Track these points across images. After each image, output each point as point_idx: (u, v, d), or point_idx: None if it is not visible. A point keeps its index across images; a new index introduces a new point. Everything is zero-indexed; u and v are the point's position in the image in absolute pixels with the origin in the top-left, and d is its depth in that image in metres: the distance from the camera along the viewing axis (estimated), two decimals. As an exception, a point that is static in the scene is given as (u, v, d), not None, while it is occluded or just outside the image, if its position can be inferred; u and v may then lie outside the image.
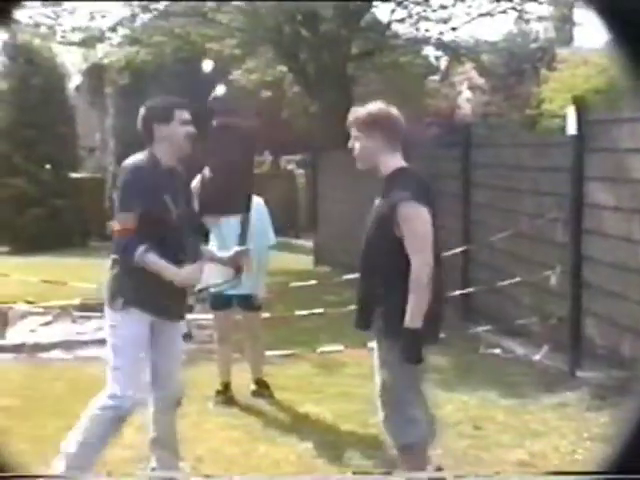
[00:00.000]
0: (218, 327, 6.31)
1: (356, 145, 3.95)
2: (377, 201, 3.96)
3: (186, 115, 4.18)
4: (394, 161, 3.91)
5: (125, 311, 4.05)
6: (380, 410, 3.94)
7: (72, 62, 22.69)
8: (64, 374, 6.87)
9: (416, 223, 3.73)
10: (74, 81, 24.02)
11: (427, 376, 6.07)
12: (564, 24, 21.36)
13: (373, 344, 6.77)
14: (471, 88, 22.60)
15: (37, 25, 12.98)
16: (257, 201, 6.15)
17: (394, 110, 3.95)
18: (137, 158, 4.18)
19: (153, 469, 4.36)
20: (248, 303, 6.13)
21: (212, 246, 5.98)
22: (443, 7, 13.58)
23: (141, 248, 3.93)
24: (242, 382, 6.25)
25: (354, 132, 3.94)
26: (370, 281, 3.93)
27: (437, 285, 3.80)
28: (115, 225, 4.13)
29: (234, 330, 6.34)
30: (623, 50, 1.67)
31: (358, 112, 3.94)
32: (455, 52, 15.17)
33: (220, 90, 4.92)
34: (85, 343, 7.91)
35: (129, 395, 4.02)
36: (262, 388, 6.19)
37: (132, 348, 4.07)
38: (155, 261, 3.96)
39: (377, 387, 3.95)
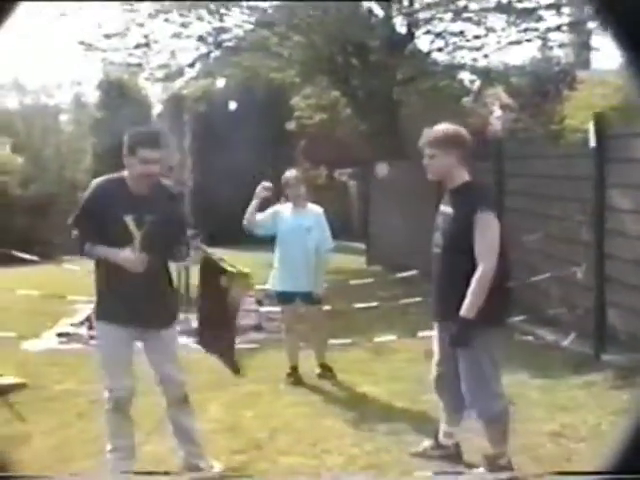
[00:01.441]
0: (285, 319, 6.37)
1: (431, 162, 3.96)
2: (443, 208, 3.98)
3: (149, 154, 3.90)
4: (463, 175, 3.95)
5: (101, 322, 4.11)
6: (465, 392, 3.94)
7: (153, 93, 23.14)
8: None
9: (489, 231, 3.76)
10: (156, 109, 24.47)
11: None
12: (582, 49, 21.03)
13: (422, 334, 6.83)
14: (501, 107, 22.35)
15: (129, 65, 13.28)
16: (317, 209, 6.24)
17: (464, 130, 3.99)
18: (106, 178, 4.06)
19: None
20: (309, 298, 6.13)
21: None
22: (477, 37, 13.46)
23: (87, 245, 3.94)
24: (308, 367, 6.31)
25: (429, 150, 3.94)
26: (446, 277, 3.95)
27: (504, 279, 3.87)
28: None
29: (299, 321, 6.34)
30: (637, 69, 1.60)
31: (434, 132, 3.96)
32: (487, 76, 15.03)
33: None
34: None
35: (118, 387, 4.06)
36: (326, 371, 6.21)
37: (111, 352, 4.06)
38: (100, 250, 3.93)
39: (461, 370, 3.93)
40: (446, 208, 3.96)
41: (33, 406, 5.70)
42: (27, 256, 9.49)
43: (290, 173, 6.14)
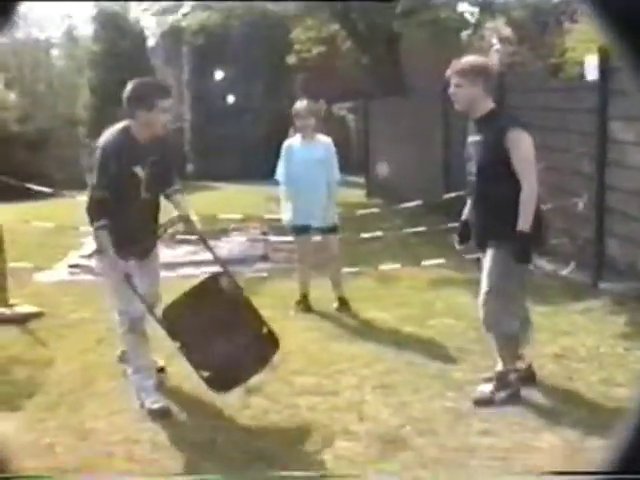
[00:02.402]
0: (299, 249, 6.41)
1: (458, 91, 4.06)
2: (472, 138, 4.10)
3: (167, 103, 4.13)
4: (489, 103, 4.06)
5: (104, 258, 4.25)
6: (483, 305, 4.07)
7: (148, 26, 22.79)
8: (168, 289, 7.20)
9: (523, 147, 3.92)
10: (150, 42, 24.11)
11: (472, 288, 6.32)
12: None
13: (428, 263, 7.01)
14: (500, 40, 22.15)
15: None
16: (326, 140, 6.28)
17: (490, 61, 4.13)
18: (113, 133, 4.14)
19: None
20: (325, 228, 6.22)
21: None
22: (478, -32, 13.34)
23: (101, 222, 4.04)
24: (317, 295, 6.44)
25: (456, 80, 4.04)
26: (486, 202, 4.07)
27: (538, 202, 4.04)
28: (89, 194, 4.17)
29: (312, 251, 6.41)
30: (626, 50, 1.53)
31: (462, 63, 4.06)
32: (488, 8, 14.89)
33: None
34: (182, 264, 8.19)
35: (131, 309, 4.27)
36: (344, 305, 6.26)
37: (121, 279, 4.19)
38: (102, 241, 4.09)
39: (483, 288, 4.07)
40: (475, 137, 4.08)
41: (52, 333, 5.90)
42: (42, 188, 9.58)
43: (301, 104, 6.14)
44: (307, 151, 6.11)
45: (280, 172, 6.21)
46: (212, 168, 18.36)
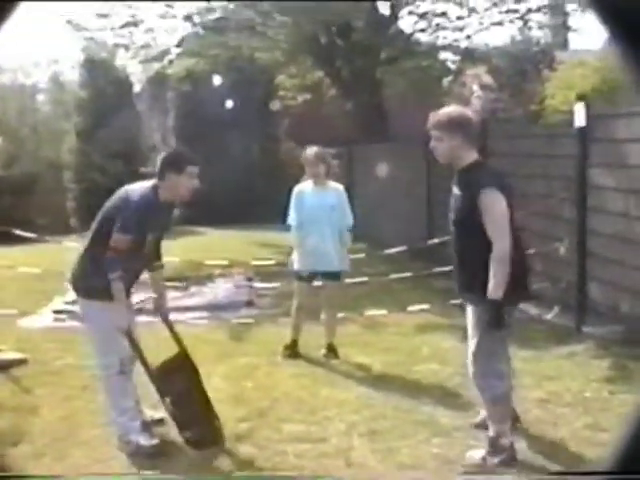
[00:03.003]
0: (301, 295, 6.23)
1: (438, 145, 3.98)
2: (454, 189, 4.01)
3: (195, 170, 4.29)
4: (471, 155, 3.96)
5: (96, 301, 4.26)
6: (471, 366, 4.01)
7: (134, 72, 23.03)
8: (153, 331, 7.16)
9: (495, 210, 3.78)
10: (136, 88, 24.34)
11: (458, 333, 6.37)
12: (561, 30, 21.32)
13: (413, 308, 7.02)
14: (481, 87, 22.57)
15: (116, 45, 13.30)
16: (338, 186, 6.19)
17: (469, 112, 4.04)
18: (145, 188, 4.26)
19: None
20: (332, 275, 6.13)
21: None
22: (459, 18, 13.66)
23: (117, 273, 4.08)
24: (305, 340, 6.38)
25: (436, 133, 3.97)
26: (461, 258, 4.01)
27: (520, 256, 3.92)
28: (113, 242, 4.12)
29: (312, 298, 6.31)
30: (624, 50, 1.57)
31: (439, 115, 3.98)
32: (469, 56, 15.23)
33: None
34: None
35: (122, 350, 4.27)
36: (331, 351, 6.20)
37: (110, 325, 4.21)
38: (118, 291, 4.11)
39: (470, 348, 4.00)
40: (455, 188, 4.02)
41: (36, 380, 5.83)
42: (27, 234, 9.58)
43: (310, 150, 6.09)
44: (319, 197, 6.05)
45: (292, 217, 6.16)
46: (197, 213, 18.39)
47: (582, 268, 6.86)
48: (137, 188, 4.31)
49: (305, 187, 6.16)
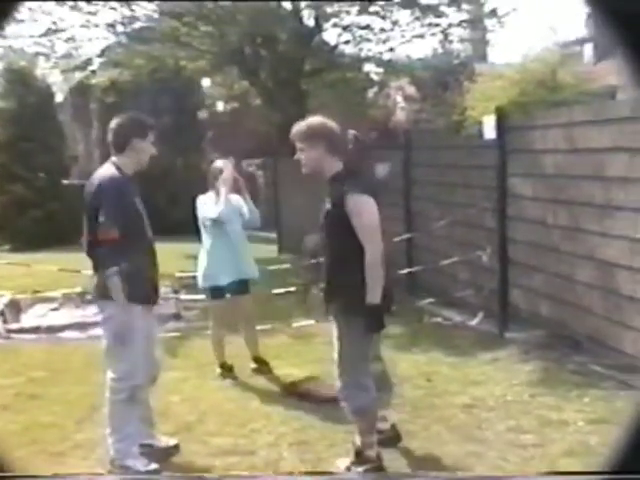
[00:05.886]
0: (215, 314, 6.11)
1: (301, 155, 3.93)
2: (326, 200, 3.96)
3: (153, 136, 4.18)
4: (335, 164, 3.90)
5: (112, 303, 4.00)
6: (337, 378, 4.01)
7: (54, 81, 22.49)
8: (78, 350, 7.00)
9: (364, 213, 3.74)
10: (57, 98, 23.77)
11: (384, 341, 6.40)
12: (480, 44, 21.91)
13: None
14: (405, 98, 22.94)
15: (37, 53, 12.95)
16: (236, 196, 6.05)
17: (330, 121, 3.96)
18: (109, 170, 4.07)
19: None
20: (243, 288, 6.03)
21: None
22: (382, 30, 13.86)
23: (114, 268, 3.90)
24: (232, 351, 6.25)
25: (298, 144, 3.92)
26: (330, 266, 3.94)
27: (385, 266, 3.85)
28: (99, 234, 3.97)
29: (228, 314, 6.14)
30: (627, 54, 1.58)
31: (300, 127, 3.92)
32: (392, 68, 15.46)
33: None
34: (92, 324, 7.94)
35: (133, 376, 4.09)
36: (262, 365, 6.09)
37: (129, 336, 4.02)
38: (115, 286, 3.92)
39: (335, 360, 4.00)
40: (326, 201, 3.94)
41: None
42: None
43: (221, 164, 6.01)
44: (227, 208, 5.89)
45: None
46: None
47: (504, 275, 7.02)
48: (102, 172, 4.08)
49: (207, 199, 5.98)
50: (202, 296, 8.71)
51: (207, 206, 5.94)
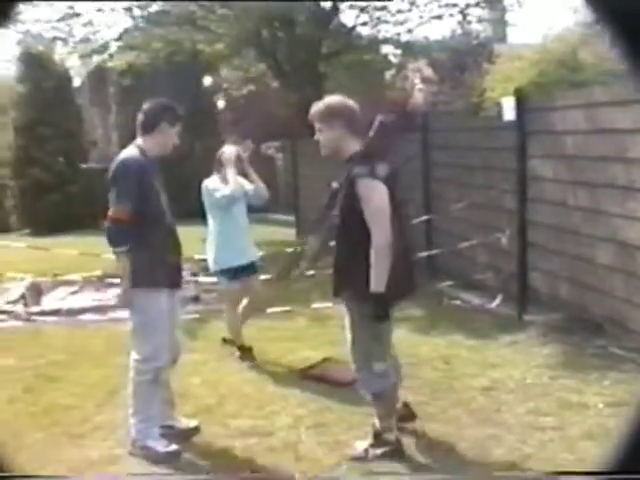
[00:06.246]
0: (231, 297, 6.07)
1: (319, 136, 3.87)
2: (335, 183, 3.91)
3: (179, 127, 4.21)
4: (353, 145, 3.83)
5: (141, 289, 4.03)
6: (352, 364, 4.00)
7: (72, 66, 22.54)
8: (99, 333, 7.08)
9: (372, 197, 3.65)
10: (75, 82, 23.84)
11: (404, 324, 6.43)
12: (499, 24, 21.67)
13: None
14: (422, 80, 22.77)
15: (54, 39, 12.98)
16: (243, 181, 6.02)
17: (349, 101, 3.88)
18: (130, 151, 4.12)
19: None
20: (252, 269, 6.03)
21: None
22: (400, 11, 13.74)
23: (124, 247, 3.94)
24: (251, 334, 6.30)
25: (317, 125, 3.86)
26: (341, 252, 3.88)
27: (404, 250, 3.82)
28: (109, 213, 4.00)
29: (242, 297, 6.07)
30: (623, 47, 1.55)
31: (318, 106, 3.86)
32: (410, 50, 15.34)
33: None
34: (112, 307, 8.02)
35: (157, 357, 4.13)
36: (245, 351, 5.98)
37: (156, 319, 4.09)
38: (123, 266, 3.97)
39: (348, 345, 3.99)
40: (336, 182, 3.89)
41: (-25, 381, 5.69)
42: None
43: (229, 150, 5.98)
44: (232, 192, 5.88)
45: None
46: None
47: (523, 258, 6.97)
48: (124, 153, 4.14)
49: (213, 183, 5.95)
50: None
51: (215, 187, 5.89)
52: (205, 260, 8.73)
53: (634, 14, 1.48)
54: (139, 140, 4.19)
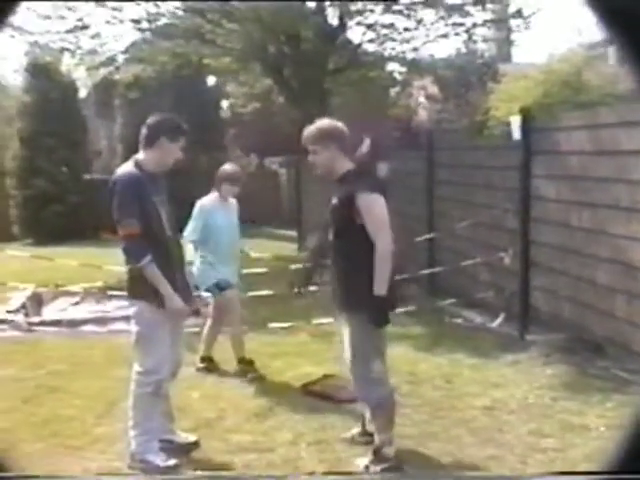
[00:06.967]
0: (220, 309, 6.16)
1: (314, 158, 4.06)
2: (334, 198, 4.02)
3: (183, 142, 4.20)
4: (345, 164, 4.04)
5: (142, 303, 4.08)
6: (350, 375, 4.06)
7: (78, 77, 22.61)
8: (99, 344, 7.06)
9: (374, 208, 3.86)
10: (81, 94, 23.91)
11: (405, 342, 6.42)
12: (504, 44, 21.77)
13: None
14: (427, 97, 22.83)
15: (62, 50, 13.01)
16: (233, 201, 6.09)
17: (339, 123, 4.09)
18: (127, 167, 4.12)
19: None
20: (233, 283, 6.03)
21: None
22: (406, 29, 13.76)
23: (147, 258, 3.95)
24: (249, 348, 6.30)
25: (311, 147, 4.05)
26: (340, 265, 4.00)
27: (394, 262, 3.90)
28: (120, 232, 4.03)
29: (225, 311, 6.14)
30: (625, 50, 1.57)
31: (311, 130, 4.06)
32: (416, 67, 15.36)
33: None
34: (113, 319, 8.05)
35: (159, 370, 4.12)
36: (247, 365, 5.96)
37: (157, 333, 4.10)
38: (155, 274, 3.98)
39: (346, 358, 4.04)
40: (332, 199, 4.02)
41: (-25, 392, 5.68)
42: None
43: (231, 167, 6.05)
44: (227, 213, 5.98)
45: (191, 231, 5.86)
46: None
47: (525, 277, 6.97)
48: (121, 169, 4.15)
49: (209, 202, 5.95)
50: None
51: (215, 212, 5.92)
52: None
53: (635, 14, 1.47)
54: (140, 154, 4.20)
